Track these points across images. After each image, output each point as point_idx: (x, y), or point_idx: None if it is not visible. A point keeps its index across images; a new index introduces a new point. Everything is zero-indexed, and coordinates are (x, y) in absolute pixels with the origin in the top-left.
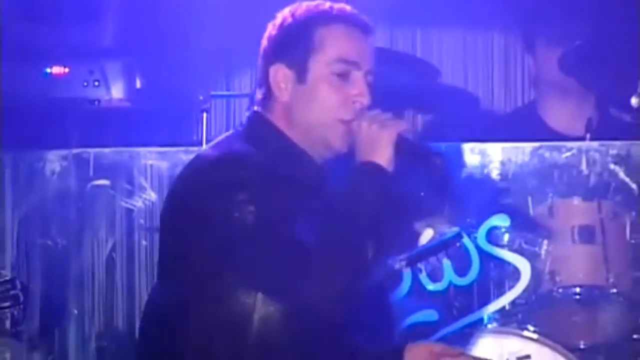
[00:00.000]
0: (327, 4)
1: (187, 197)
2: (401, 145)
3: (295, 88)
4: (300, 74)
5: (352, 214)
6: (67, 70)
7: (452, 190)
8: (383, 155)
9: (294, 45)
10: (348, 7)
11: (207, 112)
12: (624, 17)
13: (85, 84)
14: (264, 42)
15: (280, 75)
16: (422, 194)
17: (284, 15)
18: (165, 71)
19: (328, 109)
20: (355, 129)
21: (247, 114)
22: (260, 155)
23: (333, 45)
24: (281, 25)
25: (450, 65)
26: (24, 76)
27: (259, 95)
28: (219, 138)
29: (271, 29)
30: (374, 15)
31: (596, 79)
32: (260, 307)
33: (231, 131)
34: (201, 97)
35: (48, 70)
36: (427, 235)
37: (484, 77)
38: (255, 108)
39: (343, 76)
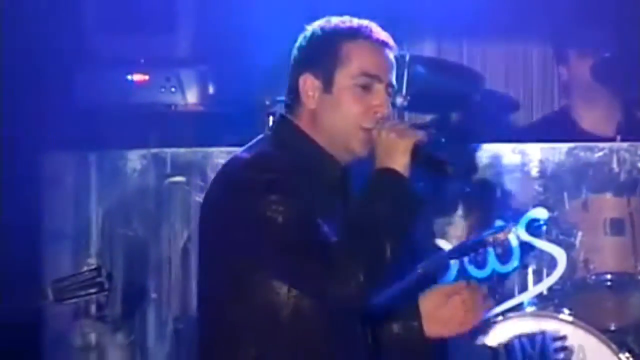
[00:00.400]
0: (354, 21)
1: (222, 197)
2: (417, 154)
3: (322, 97)
4: (327, 84)
5: (371, 216)
6: (146, 77)
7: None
8: (400, 162)
9: (322, 57)
10: (373, 25)
11: (272, 115)
12: None
13: (163, 90)
14: (295, 52)
15: (309, 84)
16: (468, 189)
17: (314, 28)
18: (234, 78)
19: (351, 117)
20: (375, 136)
21: (272, 118)
22: (288, 157)
23: (358, 60)
24: (311, 37)
25: (494, 74)
26: (108, 83)
27: (287, 100)
28: (251, 142)
29: (302, 40)
30: (427, 32)
31: (624, 85)
32: (291, 299)
33: (261, 136)
34: (267, 102)
35: (130, 77)
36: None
37: (524, 85)
38: (283, 113)
39: (366, 88)
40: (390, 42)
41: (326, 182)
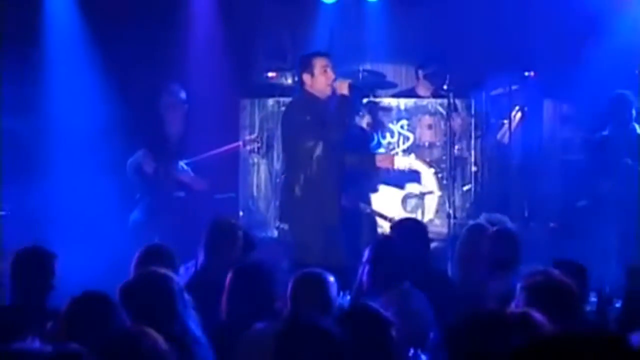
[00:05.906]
0: (319, 52)
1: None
2: (349, 89)
3: (309, 78)
4: (311, 74)
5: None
6: (275, 74)
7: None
8: (343, 92)
9: (308, 66)
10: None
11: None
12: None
13: (279, 79)
14: (300, 60)
15: (306, 76)
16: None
17: (308, 54)
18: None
19: (323, 83)
20: (335, 85)
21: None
22: (301, 99)
23: (320, 64)
24: (306, 57)
25: (388, 76)
26: (263, 76)
27: (299, 79)
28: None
29: (303, 56)
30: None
31: (436, 79)
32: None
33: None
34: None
35: (268, 74)
36: None
37: (406, 81)
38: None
39: (325, 71)
40: (330, 55)
41: (317, 111)
